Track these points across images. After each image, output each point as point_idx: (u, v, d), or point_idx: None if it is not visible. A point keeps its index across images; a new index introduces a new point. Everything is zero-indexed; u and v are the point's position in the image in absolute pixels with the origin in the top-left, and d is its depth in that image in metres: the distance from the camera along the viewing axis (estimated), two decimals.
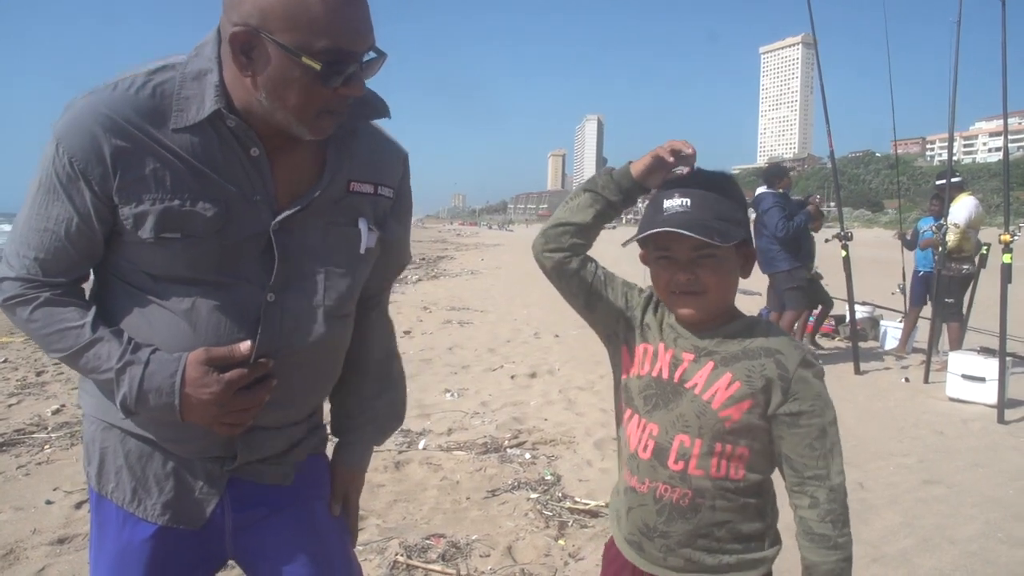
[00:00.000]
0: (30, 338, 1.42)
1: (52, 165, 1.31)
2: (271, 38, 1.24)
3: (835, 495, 1.48)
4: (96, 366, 1.34)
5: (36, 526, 3.59)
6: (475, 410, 5.83)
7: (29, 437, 4.95)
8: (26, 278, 1.36)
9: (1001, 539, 3.70)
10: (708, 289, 1.51)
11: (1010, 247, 6.01)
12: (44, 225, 1.34)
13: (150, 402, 1.33)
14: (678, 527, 1.54)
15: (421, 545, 3.41)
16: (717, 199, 1.50)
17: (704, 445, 1.51)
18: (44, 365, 7.30)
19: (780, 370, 1.48)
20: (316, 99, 1.30)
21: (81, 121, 1.29)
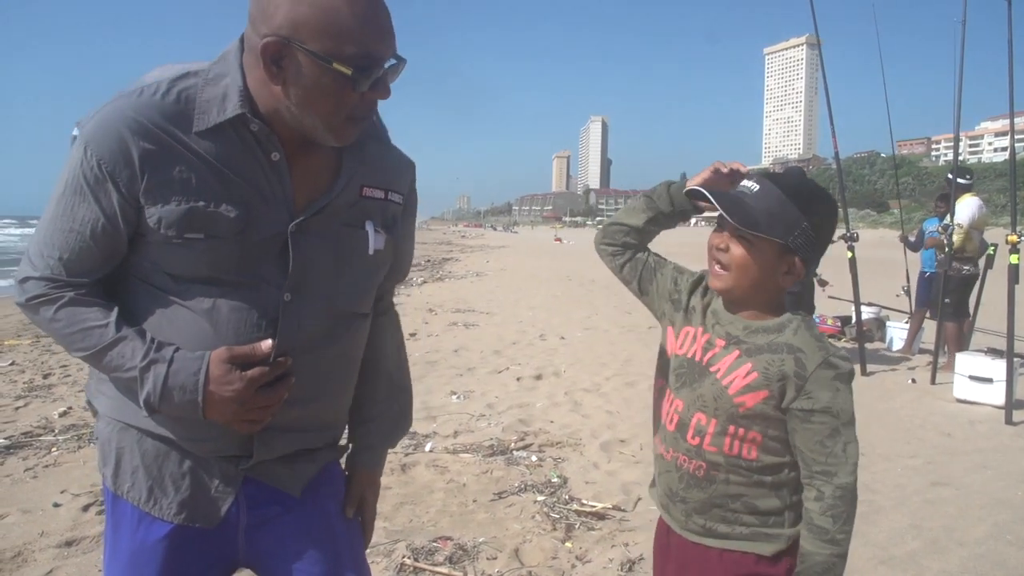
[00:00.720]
0: (52, 337, 1.43)
1: (80, 167, 1.34)
2: (302, 47, 1.28)
3: (841, 492, 1.54)
4: (120, 364, 1.36)
5: (44, 528, 3.60)
6: (481, 412, 5.83)
7: (36, 440, 4.96)
8: (50, 278, 1.38)
9: (1010, 541, 3.69)
10: (731, 267, 1.61)
11: (1017, 247, 5.99)
12: (70, 226, 1.36)
13: (174, 399, 1.35)
14: (695, 494, 1.67)
15: (428, 548, 3.41)
16: (780, 197, 1.57)
17: (718, 425, 1.62)
18: (51, 368, 7.32)
19: (798, 367, 1.55)
20: (345, 104, 1.35)
21: (109, 124, 1.33)
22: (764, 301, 1.64)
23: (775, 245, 1.57)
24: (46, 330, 1.42)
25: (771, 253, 1.58)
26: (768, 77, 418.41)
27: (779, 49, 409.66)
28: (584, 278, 19.84)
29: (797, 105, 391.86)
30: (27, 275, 1.39)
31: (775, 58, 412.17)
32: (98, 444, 1.53)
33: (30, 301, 1.39)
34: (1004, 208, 9.34)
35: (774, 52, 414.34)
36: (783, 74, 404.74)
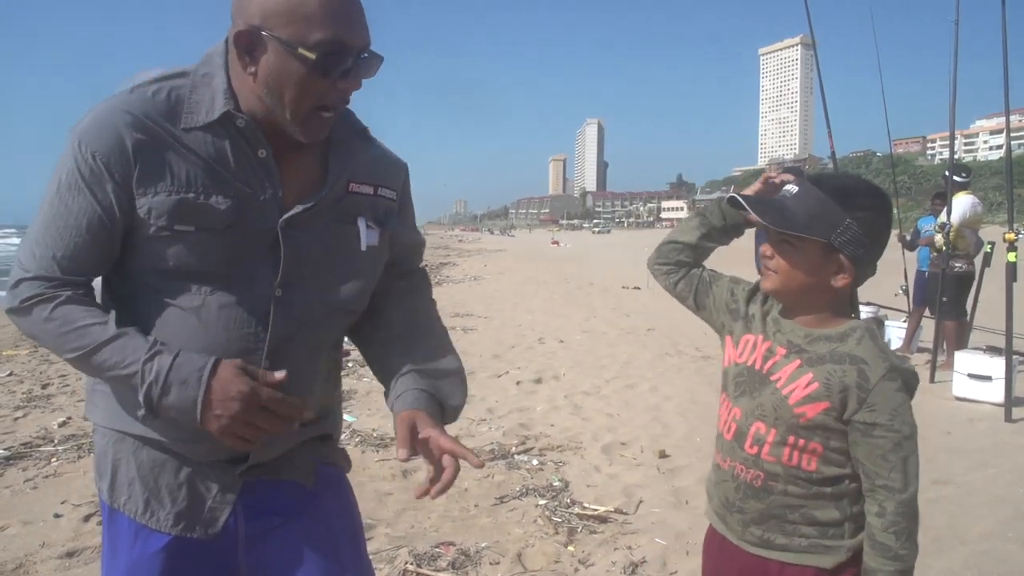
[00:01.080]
0: (41, 341, 1.39)
1: (74, 163, 1.35)
2: (271, 34, 1.32)
3: (903, 508, 1.52)
4: (119, 361, 1.33)
5: (45, 540, 3.59)
6: (481, 416, 5.82)
7: (36, 450, 4.94)
8: (45, 276, 1.36)
9: (1012, 538, 3.69)
10: (778, 271, 1.61)
11: (1014, 245, 6.00)
12: (65, 223, 1.35)
13: (174, 395, 1.32)
14: (752, 505, 1.65)
15: (431, 553, 3.41)
16: (819, 196, 1.55)
17: (778, 435, 1.61)
18: (49, 378, 7.30)
19: (860, 379, 1.53)
20: (311, 92, 1.36)
21: (103, 119, 1.35)
22: (819, 305, 1.62)
23: (819, 245, 1.55)
24: (36, 332, 1.37)
25: (816, 253, 1.56)
26: (763, 78, 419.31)
27: (774, 50, 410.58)
28: (582, 281, 19.85)
29: (792, 105, 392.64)
30: (20, 278, 1.37)
31: (770, 59, 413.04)
32: (94, 457, 1.52)
33: (24, 303, 1.36)
34: (1000, 206, 9.38)
35: (769, 53, 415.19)
36: (778, 75, 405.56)
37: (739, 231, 1.80)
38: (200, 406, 1.32)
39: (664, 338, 9.78)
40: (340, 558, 1.58)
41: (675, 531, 3.68)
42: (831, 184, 1.58)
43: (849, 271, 1.56)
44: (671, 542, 3.55)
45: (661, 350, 8.84)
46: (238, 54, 1.36)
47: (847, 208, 1.54)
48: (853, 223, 1.53)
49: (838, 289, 1.59)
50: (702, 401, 6.36)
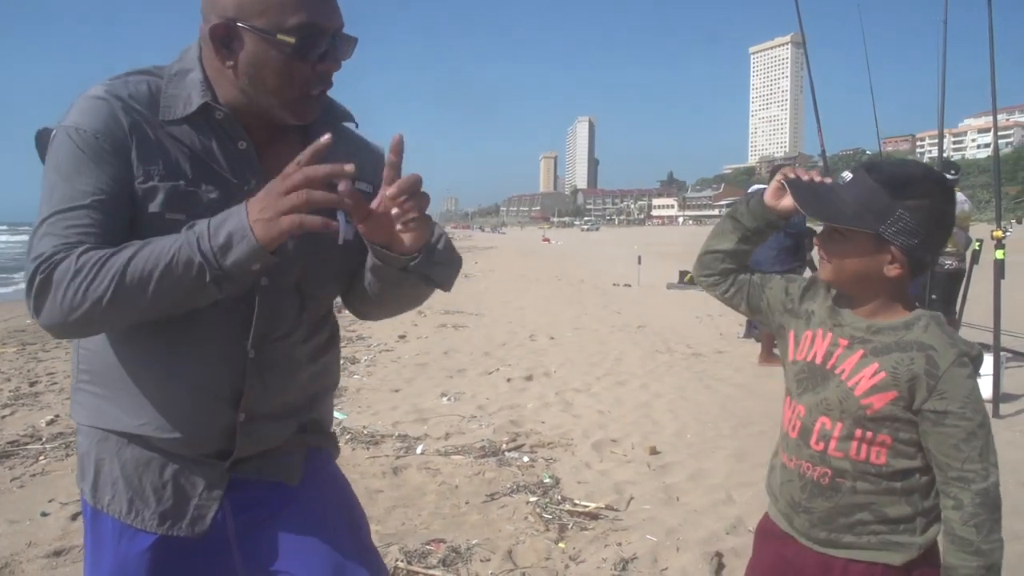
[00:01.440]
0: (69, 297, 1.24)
1: (74, 145, 1.32)
2: (247, 24, 1.33)
3: (982, 499, 1.46)
4: (158, 254, 1.23)
5: (32, 539, 3.56)
6: (472, 414, 5.81)
7: (23, 448, 4.91)
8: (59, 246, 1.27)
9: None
10: (833, 259, 1.59)
11: (1002, 243, 6.03)
12: (71, 204, 1.29)
13: (221, 234, 1.23)
14: (819, 504, 1.60)
15: (421, 551, 3.40)
16: (870, 186, 1.52)
17: (844, 429, 1.56)
18: (37, 375, 7.26)
19: (929, 366, 1.49)
20: (295, 77, 1.37)
21: (93, 104, 1.35)
22: (877, 294, 1.58)
23: (868, 236, 1.52)
24: (64, 291, 1.24)
25: (866, 244, 1.53)
26: (754, 76, 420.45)
27: (764, 48, 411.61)
28: (573, 278, 19.87)
29: (783, 104, 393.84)
30: (34, 266, 1.27)
31: (760, 57, 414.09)
32: (77, 458, 1.51)
33: (41, 271, 1.25)
34: (988, 203, 9.42)
35: (759, 51, 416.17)
36: (768, 73, 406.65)
37: (775, 227, 1.74)
38: (248, 224, 1.23)
39: (655, 335, 9.80)
40: (340, 544, 1.55)
41: (665, 527, 3.68)
42: (885, 172, 1.55)
43: (901, 262, 1.52)
44: (661, 538, 3.55)
45: (652, 347, 8.85)
46: (215, 48, 1.36)
47: (900, 197, 1.50)
48: (905, 213, 1.49)
49: (893, 279, 1.55)
50: (692, 398, 6.37)
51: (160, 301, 1.26)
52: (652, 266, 20.76)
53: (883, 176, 1.53)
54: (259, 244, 1.22)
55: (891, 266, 1.53)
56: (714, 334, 9.98)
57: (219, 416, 1.45)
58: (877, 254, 1.53)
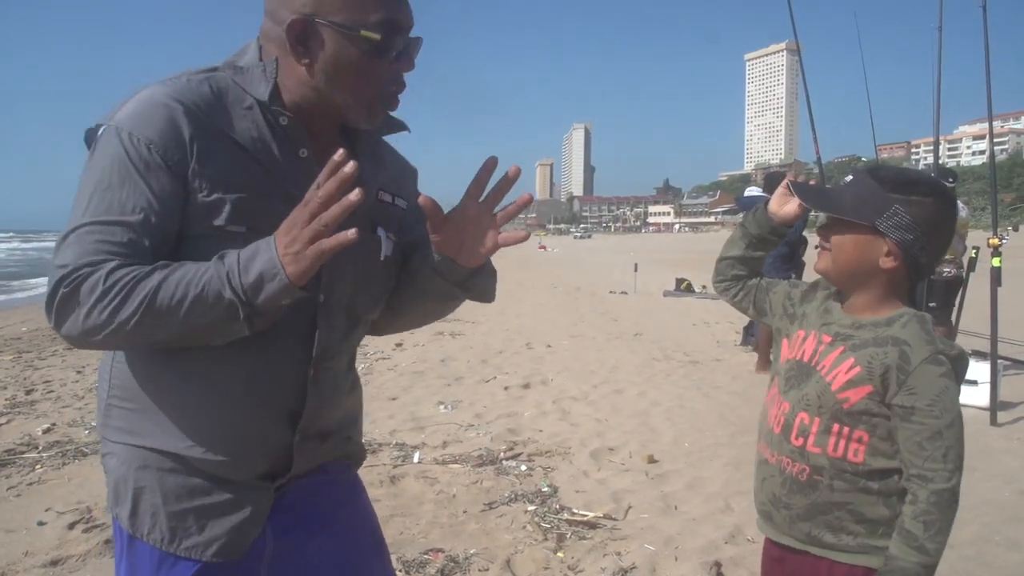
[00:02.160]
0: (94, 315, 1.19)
1: (124, 153, 1.25)
2: (328, 20, 1.30)
3: (937, 499, 1.48)
4: (189, 281, 1.20)
5: (28, 548, 3.55)
6: (469, 422, 5.81)
7: (19, 457, 4.90)
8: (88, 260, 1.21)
9: (998, 542, 3.71)
10: (832, 249, 1.64)
11: (998, 250, 6.04)
12: (108, 217, 1.23)
13: (252, 270, 1.20)
14: (798, 500, 1.64)
15: (419, 560, 3.39)
16: (871, 184, 1.59)
17: (822, 423, 1.60)
18: (33, 384, 7.25)
19: (902, 360, 1.52)
20: (374, 76, 1.36)
21: (150, 107, 1.28)
22: (870, 289, 1.62)
23: (866, 229, 1.57)
24: (89, 309, 1.19)
25: (864, 237, 1.58)
26: (749, 83, 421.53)
27: (760, 55, 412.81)
28: (569, 285, 19.86)
29: (778, 111, 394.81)
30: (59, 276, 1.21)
31: (756, 64, 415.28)
32: (109, 482, 1.42)
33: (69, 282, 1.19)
34: (983, 210, 9.38)
35: (755, 58, 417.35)
36: (764, 80, 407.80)
37: (779, 234, 1.82)
38: (279, 259, 1.20)
39: (652, 343, 9.80)
40: (368, 569, 1.60)
41: (664, 536, 3.67)
42: (885, 173, 1.61)
43: (896, 255, 1.57)
44: (660, 547, 3.55)
45: (649, 355, 8.85)
46: (291, 45, 1.32)
47: (897, 193, 1.56)
48: (900, 208, 1.55)
49: (888, 273, 1.59)
50: (690, 406, 6.37)
51: (188, 330, 1.23)
52: (649, 273, 20.78)
53: (882, 176, 1.60)
54: (290, 282, 1.19)
55: (886, 258, 1.58)
56: (711, 341, 9.99)
57: (275, 436, 1.43)
58: (874, 247, 1.59)
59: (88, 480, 4.45)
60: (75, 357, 8.80)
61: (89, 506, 4.00)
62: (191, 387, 1.36)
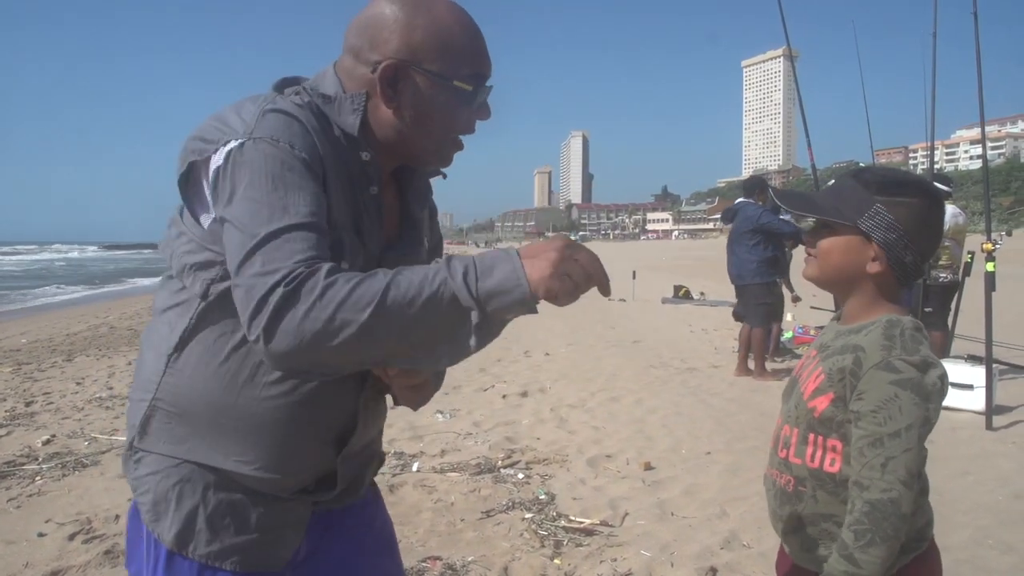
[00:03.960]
0: (324, 325, 1.11)
1: (278, 159, 1.25)
2: (421, 68, 1.35)
3: (870, 508, 1.43)
4: (422, 279, 1.16)
5: (28, 559, 3.57)
6: (467, 431, 5.83)
7: (19, 469, 4.92)
8: (300, 261, 1.16)
9: (992, 546, 3.73)
10: (819, 255, 1.63)
11: (992, 255, 6.07)
12: (298, 220, 1.21)
13: (492, 277, 1.17)
14: (787, 511, 1.64)
15: (417, 568, 3.41)
16: (852, 185, 1.60)
17: (799, 434, 1.61)
18: (33, 395, 7.27)
19: (855, 366, 1.52)
20: (458, 123, 1.42)
21: (289, 124, 1.29)
22: (857, 294, 1.62)
23: (851, 230, 1.57)
24: (311, 308, 1.12)
25: (850, 239, 1.58)
26: (746, 89, 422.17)
27: (757, 61, 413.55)
28: None
29: (776, 117, 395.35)
30: (266, 288, 1.14)
31: (753, 71, 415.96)
32: (147, 499, 1.40)
33: (288, 286, 1.13)
34: (982, 215, 9.47)
35: (752, 65, 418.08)
36: (761, 86, 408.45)
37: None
38: (522, 270, 1.16)
39: (649, 350, 9.82)
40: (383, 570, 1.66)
41: (660, 543, 3.70)
42: (869, 175, 1.61)
43: (880, 257, 1.56)
44: (656, 554, 3.57)
45: (646, 362, 8.88)
46: (381, 88, 1.36)
47: (877, 193, 1.56)
48: (881, 208, 1.55)
49: (875, 278, 1.59)
50: (687, 413, 6.39)
51: (410, 336, 1.17)
52: (647, 280, 20.80)
53: (865, 178, 1.60)
54: (530, 292, 1.16)
55: (872, 263, 1.57)
56: (708, 348, 10.01)
57: (323, 457, 1.46)
58: (859, 251, 1.58)
59: (88, 491, 4.48)
60: (75, 369, 8.83)
61: (89, 517, 4.03)
62: (249, 407, 1.36)
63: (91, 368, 8.85)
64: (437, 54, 1.35)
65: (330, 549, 1.57)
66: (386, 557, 1.68)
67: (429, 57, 1.35)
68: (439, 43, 1.35)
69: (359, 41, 1.39)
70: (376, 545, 1.66)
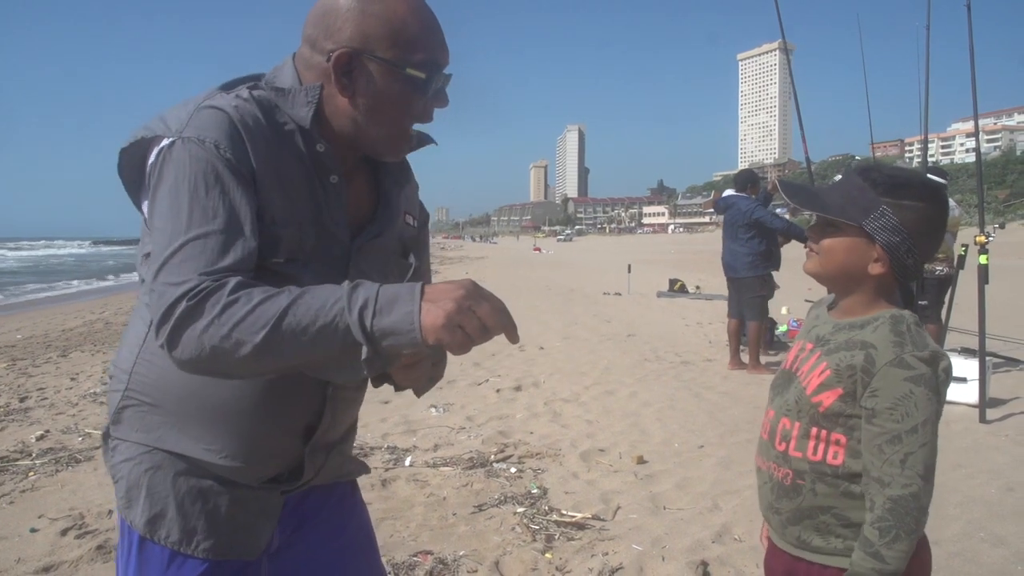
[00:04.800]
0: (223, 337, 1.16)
1: (205, 161, 1.26)
2: (374, 56, 1.34)
3: (893, 505, 1.46)
4: (319, 307, 1.16)
5: (20, 555, 3.57)
6: (461, 425, 5.83)
7: (13, 464, 4.91)
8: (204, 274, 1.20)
9: (983, 538, 3.74)
10: (821, 251, 1.63)
11: (986, 248, 6.08)
12: (213, 227, 1.23)
13: (387, 315, 1.16)
14: (785, 505, 1.64)
15: (408, 563, 3.42)
16: (858, 183, 1.59)
17: (801, 428, 1.61)
18: (27, 391, 7.25)
19: (867, 363, 1.51)
20: (412, 112, 1.41)
21: (220, 122, 1.29)
22: (856, 293, 1.62)
23: (855, 230, 1.57)
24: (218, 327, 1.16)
25: (854, 239, 1.58)
26: (742, 83, 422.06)
27: (752, 55, 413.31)
28: (563, 287, 19.88)
29: (771, 110, 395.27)
30: (174, 297, 1.18)
31: (749, 64, 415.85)
32: (121, 486, 1.45)
33: (191, 299, 1.17)
34: (976, 207, 9.45)
35: (747, 58, 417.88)
36: (757, 80, 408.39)
37: None
38: (418, 315, 1.15)
39: (644, 344, 9.83)
40: (361, 566, 1.66)
41: (652, 537, 3.70)
42: (877, 175, 1.59)
43: (883, 259, 1.56)
44: (647, 548, 3.58)
45: (641, 356, 8.88)
46: (335, 77, 1.35)
47: (885, 195, 1.55)
48: (888, 210, 1.54)
49: (876, 278, 1.59)
50: (680, 407, 6.40)
51: (308, 360, 1.20)
52: (642, 274, 20.82)
53: (873, 177, 1.58)
54: (418, 338, 1.15)
55: (875, 264, 1.57)
56: (703, 342, 10.03)
57: (289, 447, 1.48)
58: (863, 251, 1.58)
59: (81, 487, 4.48)
60: (69, 364, 8.81)
61: (82, 512, 4.02)
62: (215, 397, 1.39)
63: (86, 364, 8.84)
64: (390, 41, 1.34)
65: (304, 544, 1.59)
66: (362, 553, 1.69)
67: (382, 45, 1.34)
68: (392, 30, 1.34)
69: (315, 30, 1.39)
70: (352, 542, 1.67)
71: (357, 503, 1.72)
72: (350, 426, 1.66)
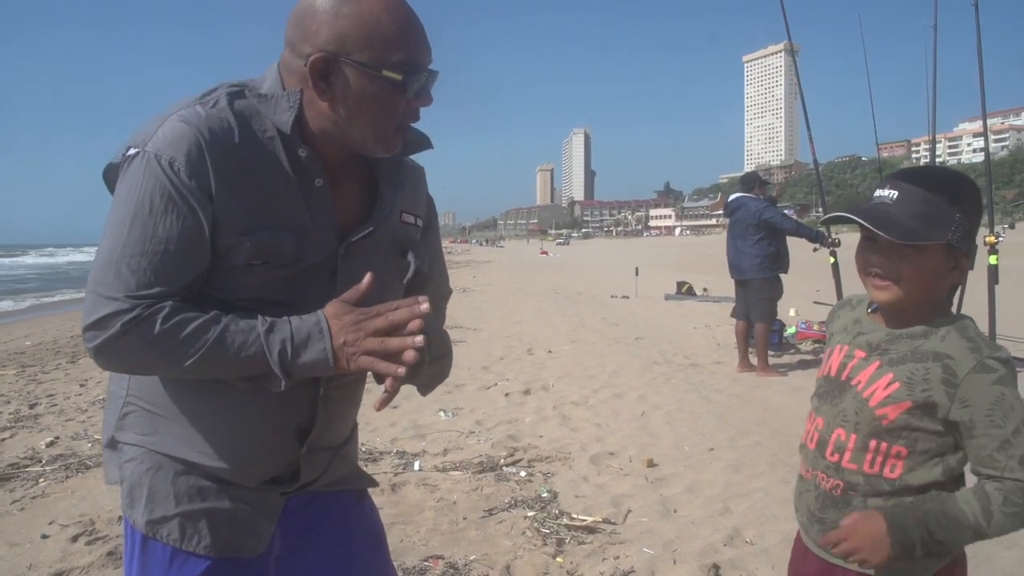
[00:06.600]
0: (154, 356, 1.30)
1: (158, 179, 1.30)
2: (350, 59, 1.34)
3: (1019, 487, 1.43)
4: (241, 342, 1.31)
5: (32, 561, 3.58)
6: (470, 429, 5.83)
7: (23, 471, 4.92)
8: (140, 296, 1.28)
9: (995, 540, 3.70)
10: (902, 279, 1.53)
11: (995, 248, 6.06)
12: (154, 246, 1.29)
13: (303, 355, 1.32)
14: (831, 515, 1.61)
15: (419, 567, 3.41)
16: (925, 196, 1.51)
17: (859, 440, 1.57)
18: (37, 397, 7.27)
19: (947, 375, 1.48)
20: (394, 112, 1.40)
21: (182, 135, 1.31)
22: (929, 305, 1.57)
23: (940, 247, 1.51)
24: (148, 351, 1.29)
25: (938, 256, 1.52)
26: (748, 85, 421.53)
27: (758, 57, 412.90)
28: (570, 290, 19.87)
29: (777, 112, 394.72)
30: (107, 312, 1.28)
31: (754, 66, 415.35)
32: (126, 485, 1.47)
33: (125, 326, 1.27)
34: (985, 207, 9.41)
35: (753, 60, 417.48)
36: (763, 81, 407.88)
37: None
38: (331, 353, 1.33)
39: (652, 347, 9.81)
40: (369, 570, 1.66)
41: (663, 540, 3.69)
42: (932, 181, 1.54)
43: (964, 266, 1.54)
44: (659, 551, 3.57)
45: (649, 359, 8.87)
46: (313, 81, 1.35)
47: (954, 203, 1.51)
48: (962, 217, 1.51)
49: (951, 286, 1.57)
50: (689, 410, 6.38)
51: (224, 376, 1.37)
52: (650, 277, 20.80)
53: (933, 185, 1.53)
54: (333, 371, 1.34)
55: (954, 272, 1.54)
56: (711, 344, 10.00)
57: (285, 449, 1.49)
58: (943, 263, 1.53)
59: (91, 493, 4.48)
60: (78, 371, 8.84)
61: (92, 519, 4.03)
62: (206, 400, 1.42)
63: (95, 370, 8.85)
64: (365, 43, 1.33)
65: (312, 551, 1.59)
66: (371, 560, 1.68)
67: (358, 47, 1.33)
68: (367, 32, 1.33)
69: (294, 33, 1.39)
70: (362, 549, 1.66)
71: (364, 508, 1.71)
72: (351, 430, 1.67)
